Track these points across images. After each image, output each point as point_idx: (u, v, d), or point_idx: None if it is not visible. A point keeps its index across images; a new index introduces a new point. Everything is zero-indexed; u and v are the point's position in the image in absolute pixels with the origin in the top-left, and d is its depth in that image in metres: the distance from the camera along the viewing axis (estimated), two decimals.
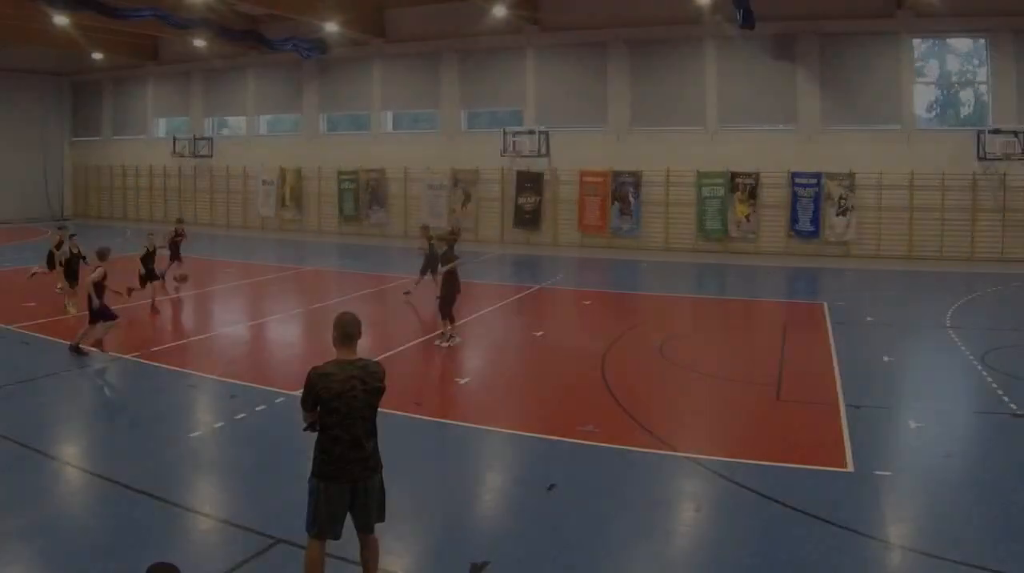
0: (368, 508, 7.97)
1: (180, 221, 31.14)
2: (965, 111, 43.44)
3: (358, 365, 7.94)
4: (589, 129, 46.15)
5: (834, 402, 15.63)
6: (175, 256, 28.74)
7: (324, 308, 25.74)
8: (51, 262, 26.56)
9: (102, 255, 19.65)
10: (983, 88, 41.69)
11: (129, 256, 27.08)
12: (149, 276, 25.53)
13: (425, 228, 28.06)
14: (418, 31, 49.09)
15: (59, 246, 25.73)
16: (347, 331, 8.03)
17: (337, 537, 7.98)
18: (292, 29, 48.31)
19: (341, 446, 7.77)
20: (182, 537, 10.05)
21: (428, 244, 26.15)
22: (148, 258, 25.60)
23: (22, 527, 10.05)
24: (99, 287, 18.91)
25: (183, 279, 27.50)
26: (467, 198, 48.80)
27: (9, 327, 22.01)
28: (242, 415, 14.58)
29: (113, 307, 19.46)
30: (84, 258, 24.07)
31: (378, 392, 8.00)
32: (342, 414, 7.75)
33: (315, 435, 7.96)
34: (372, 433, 7.99)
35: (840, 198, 41.07)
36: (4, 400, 15.52)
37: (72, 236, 25.76)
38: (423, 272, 26.62)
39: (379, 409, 8.16)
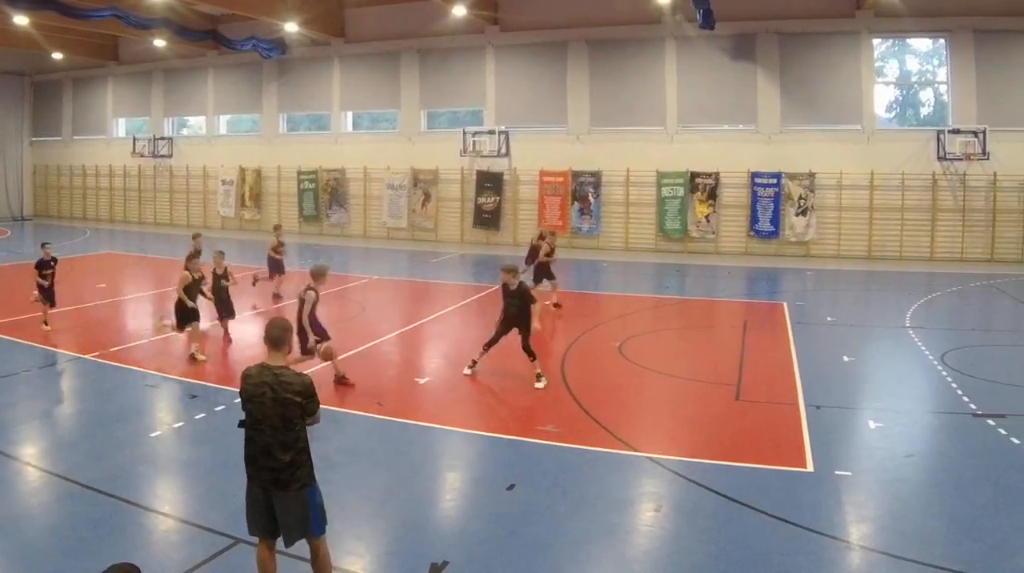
0: (286, 522, 7.72)
1: (278, 228, 28.97)
2: (925, 111, 42.46)
3: (275, 372, 7.67)
4: (549, 129, 44.83)
5: (794, 402, 15.41)
6: (278, 270, 27.19)
7: (283, 309, 24.87)
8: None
9: (319, 274, 16.96)
10: (943, 88, 40.71)
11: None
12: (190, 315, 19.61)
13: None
14: (378, 31, 47.96)
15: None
16: (270, 335, 7.82)
17: (270, 536, 7.82)
18: (252, 29, 47.10)
19: (252, 449, 7.68)
20: (142, 537, 9.86)
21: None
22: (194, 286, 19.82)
23: None
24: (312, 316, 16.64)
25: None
26: (427, 198, 47.40)
27: None
28: (202, 415, 14.39)
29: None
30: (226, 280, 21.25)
31: (293, 405, 7.60)
32: (253, 418, 7.64)
33: None
34: (288, 446, 7.63)
35: (800, 198, 39.99)
36: None
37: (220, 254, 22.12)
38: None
39: (342, 409, 8.45)
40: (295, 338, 12.56)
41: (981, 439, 13.45)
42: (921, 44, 41.85)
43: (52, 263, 21.59)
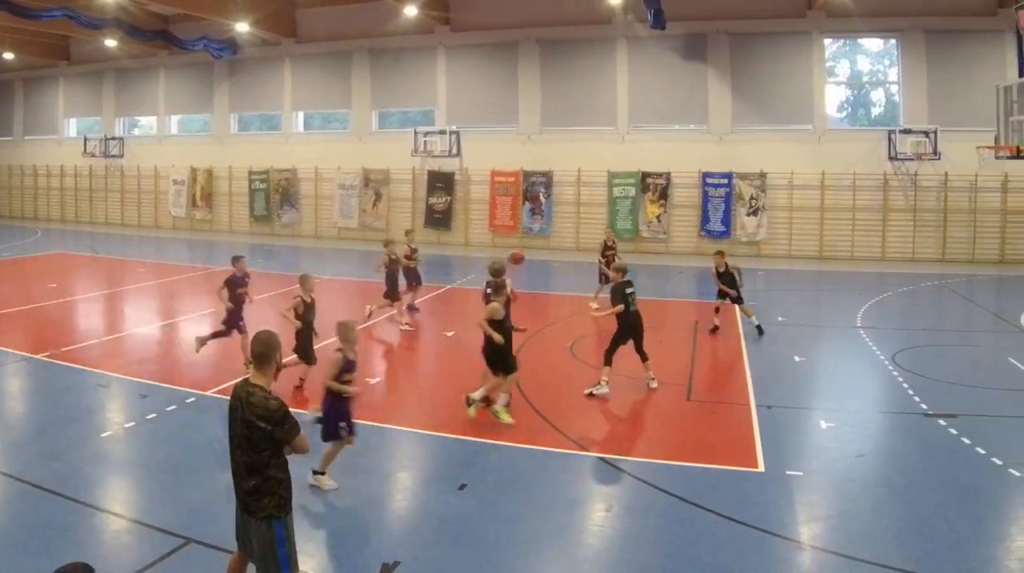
0: (257, 548, 7.16)
1: (410, 232, 25.52)
2: (876, 111, 41.20)
3: (248, 389, 7.05)
4: (500, 129, 43.35)
5: (745, 402, 15.18)
6: (415, 280, 24.37)
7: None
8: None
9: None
10: (894, 88, 39.45)
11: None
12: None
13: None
14: (329, 31, 46.27)
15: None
16: (255, 351, 7.24)
17: (246, 552, 7.37)
18: (203, 29, 45.32)
19: (231, 464, 7.21)
20: (94, 537, 9.60)
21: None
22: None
23: None
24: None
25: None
26: (378, 198, 45.59)
27: None
28: (153, 415, 14.00)
29: None
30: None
31: (257, 429, 6.92)
32: (229, 433, 7.19)
33: None
34: (254, 470, 7.01)
35: (751, 198, 38.62)
36: None
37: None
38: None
39: (293, 410, 7.36)
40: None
41: (932, 439, 13.22)
42: (872, 44, 40.66)
43: (245, 280, 18.34)
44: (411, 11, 39.15)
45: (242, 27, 41.97)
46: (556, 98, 42.33)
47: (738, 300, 21.40)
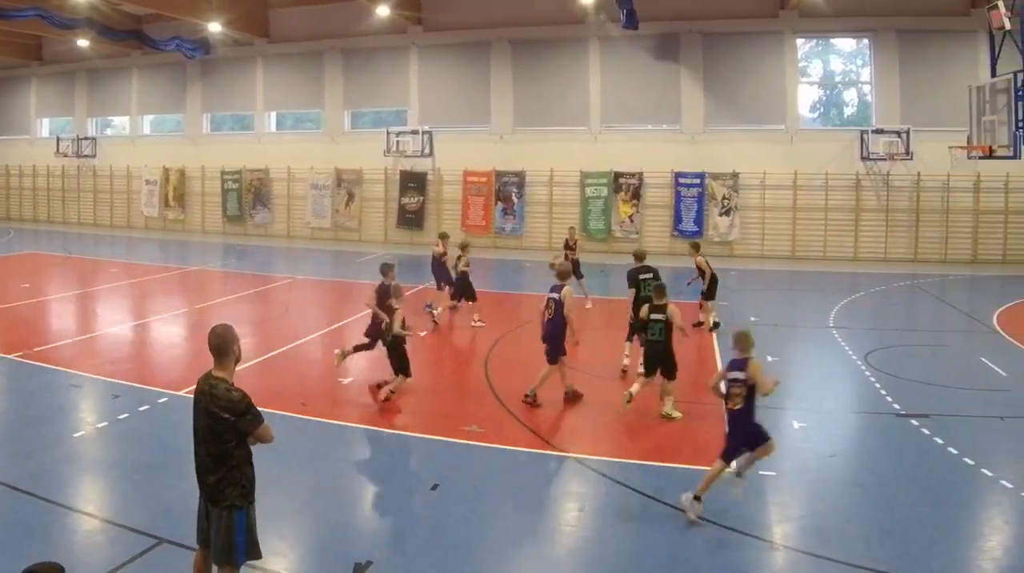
0: (215, 539, 7.15)
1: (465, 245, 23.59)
2: (849, 111, 40.44)
3: (211, 382, 7.13)
4: (473, 129, 42.45)
5: (717, 402, 13.44)
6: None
7: (208, 308, 24.47)
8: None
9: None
10: (866, 88, 38.69)
11: None
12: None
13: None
14: (302, 31, 45.28)
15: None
16: (212, 345, 7.26)
17: (208, 547, 7.31)
18: (176, 29, 44.26)
19: (195, 458, 7.25)
20: (66, 537, 9.45)
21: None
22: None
23: None
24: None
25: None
26: (351, 198, 44.57)
27: None
28: (125, 415, 13.76)
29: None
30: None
31: (220, 420, 6.98)
32: (193, 426, 7.24)
33: None
34: (219, 461, 7.05)
35: (724, 198, 37.86)
36: None
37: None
38: None
39: (266, 409, 7.72)
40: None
41: (905, 439, 13.09)
42: (845, 44, 39.94)
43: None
44: (383, 11, 38.37)
45: (215, 27, 41.00)
46: (528, 98, 41.48)
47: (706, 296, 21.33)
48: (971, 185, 35.39)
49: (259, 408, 7.27)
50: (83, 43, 46.46)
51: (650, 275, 17.28)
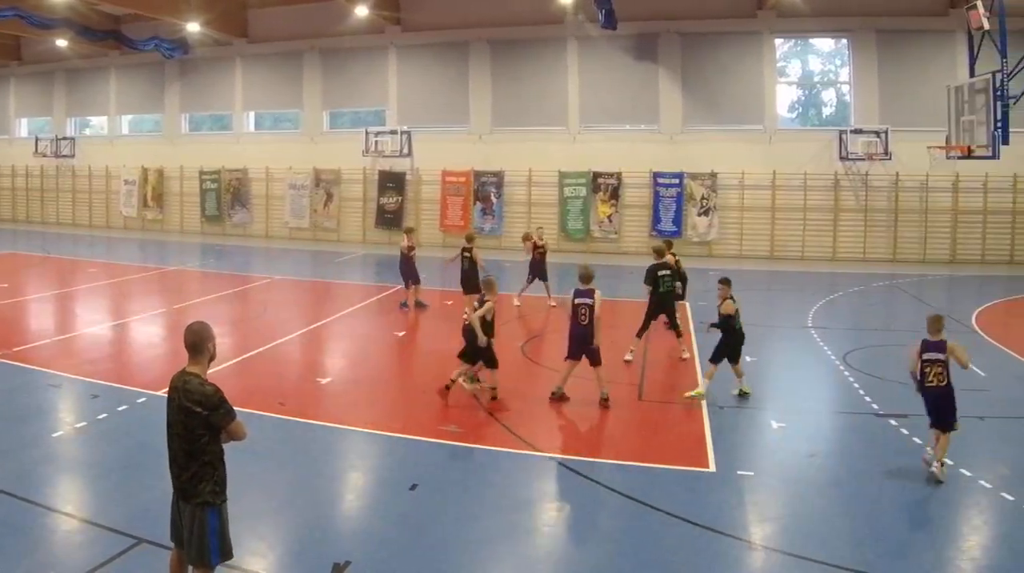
0: (188, 537, 7.06)
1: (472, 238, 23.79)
2: (827, 111, 39.89)
3: (185, 378, 7.03)
4: (451, 129, 41.74)
5: (696, 402, 14.68)
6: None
7: (186, 308, 23.95)
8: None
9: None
10: (845, 88, 38.08)
11: None
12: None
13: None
14: (280, 31, 44.46)
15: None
16: (187, 341, 7.16)
17: (182, 547, 7.22)
18: (154, 29, 43.55)
19: (168, 454, 7.16)
20: (45, 537, 9.26)
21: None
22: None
23: None
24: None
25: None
26: (329, 198, 43.74)
27: None
28: (104, 415, 13.54)
29: None
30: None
31: (194, 415, 6.89)
32: (167, 422, 7.14)
33: None
34: (192, 457, 6.96)
35: (702, 198, 37.29)
36: None
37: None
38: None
39: (244, 409, 8.76)
40: None
41: (883, 439, 12.95)
42: (823, 44, 39.43)
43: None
44: (362, 11, 37.83)
45: (193, 27, 40.36)
46: (507, 98, 40.82)
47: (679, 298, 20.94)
48: (950, 185, 34.91)
49: (238, 408, 7.22)
50: (62, 43, 45.70)
51: (668, 273, 17.67)
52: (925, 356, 11.41)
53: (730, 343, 14.97)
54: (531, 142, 40.13)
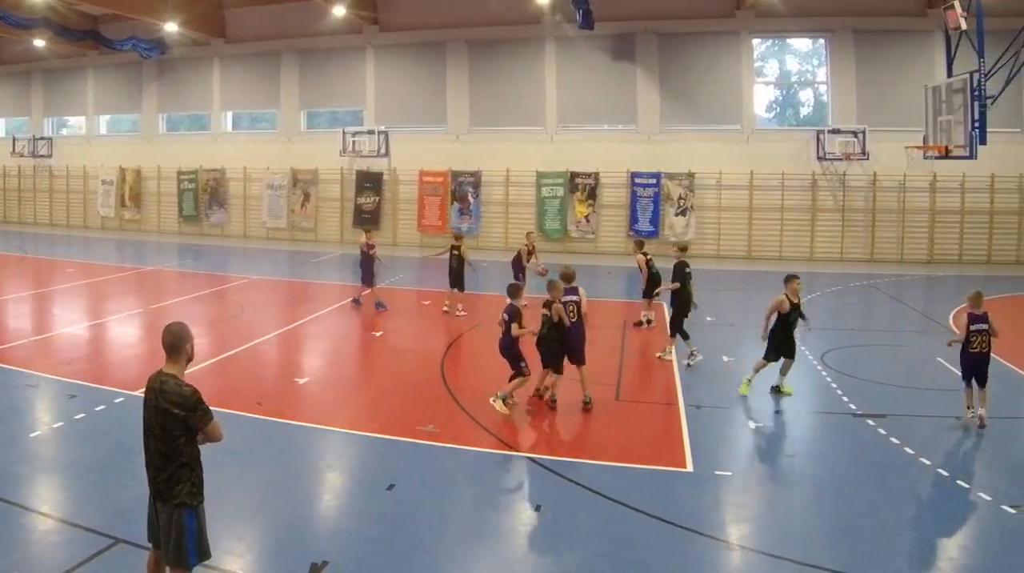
0: (165, 539, 6.99)
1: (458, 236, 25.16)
2: (805, 111, 39.29)
3: (162, 379, 6.91)
4: (429, 129, 41.09)
5: (674, 402, 14.67)
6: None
7: (164, 308, 23.67)
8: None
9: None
10: (823, 88, 37.53)
11: None
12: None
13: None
14: (258, 31, 43.70)
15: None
16: (165, 342, 7.04)
17: (159, 547, 7.12)
18: (132, 29, 42.65)
19: (145, 455, 7.06)
20: (22, 537, 9.08)
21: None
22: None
23: None
24: None
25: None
26: (306, 198, 42.93)
27: None
28: (82, 415, 13.32)
29: None
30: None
31: (171, 416, 6.79)
32: (144, 423, 7.03)
33: None
34: (169, 458, 6.86)
35: (679, 198, 36.68)
36: None
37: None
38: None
39: (222, 409, 8.64)
40: None
41: (861, 439, 12.75)
42: (801, 44, 38.86)
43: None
44: (339, 11, 37.34)
45: (171, 27, 39.75)
46: (485, 98, 40.13)
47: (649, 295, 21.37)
48: (927, 185, 34.47)
49: (215, 408, 7.08)
50: (39, 43, 44.81)
51: (690, 269, 17.82)
52: (973, 327, 13.10)
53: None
54: (509, 142, 39.49)
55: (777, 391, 15.12)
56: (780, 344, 14.90)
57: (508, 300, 14.06)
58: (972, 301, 13.44)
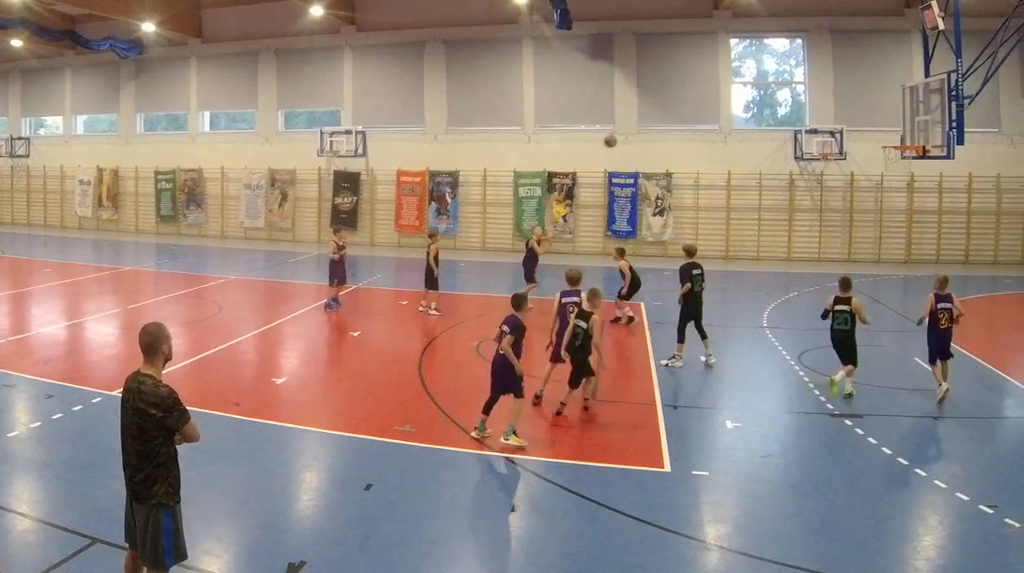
0: (142, 538, 6.88)
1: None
2: (782, 111, 38.79)
3: (139, 379, 6.84)
4: (406, 129, 40.40)
5: (651, 402, 14.49)
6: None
7: (141, 308, 23.46)
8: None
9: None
10: (800, 88, 37.09)
11: None
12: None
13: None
14: (235, 31, 42.92)
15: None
16: (142, 343, 6.96)
17: (135, 547, 7.00)
18: (109, 29, 41.81)
19: (122, 455, 6.97)
20: None
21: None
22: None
23: None
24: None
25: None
26: (284, 198, 42.14)
27: None
28: (59, 415, 13.18)
29: None
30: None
31: (148, 417, 6.69)
32: (121, 424, 6.93)
33: None
34: (146, 458, 6.77)
35: (657, 198, 36.14)
36: None
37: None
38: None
39: (200, 409, 8.74)
40: None
41: (838, 439, 12.69)
42: (779, 44, 38.31)
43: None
44: (317, 11, 36.68)
45: (148, 27, 38.93)
46: (462, 98, 39.48)
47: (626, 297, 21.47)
48: (904, 185, 34.06)
49: (192, 408, 7.02)
50: (17, 43, 43.97)
51: (699, 271, 17.56)
52: (939, 305, 14.61)
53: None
54: (486, 142, 38.88)
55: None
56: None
57: (512, 312, 12.50)
58: (938, 284, 14.93)
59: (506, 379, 12.16)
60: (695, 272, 17.42)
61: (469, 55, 39.39)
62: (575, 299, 14.06)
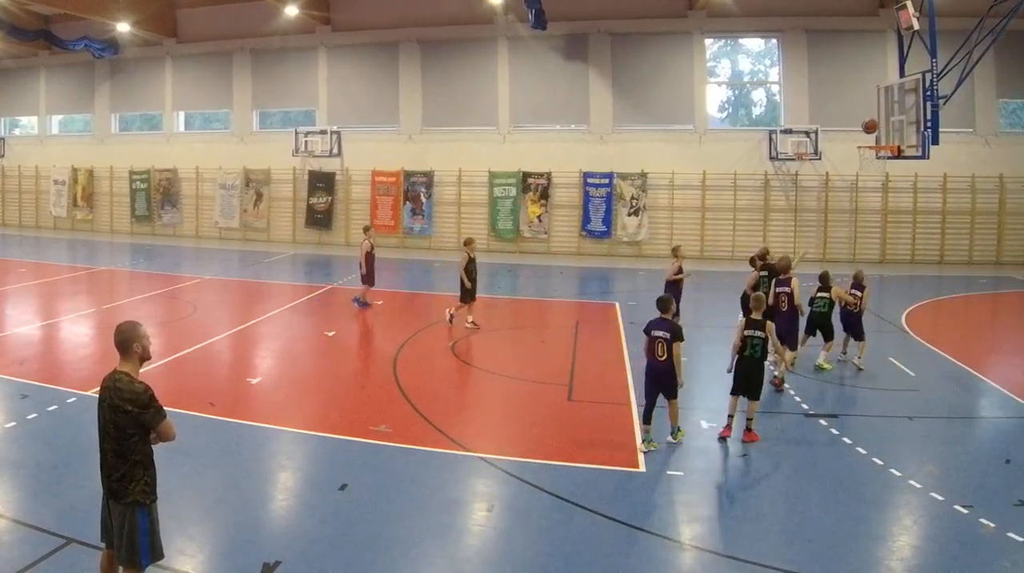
0: (118, 537, 6.76)
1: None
2: (757, 111, 37.82)
3: (116, 377, 6.72)
4: (381, 129, 39.17)
5: (626, 402, 14.25)
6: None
7: (116, 308, 22.94)
8: None
9: None
10: (775, 88, 36.13)
11: None
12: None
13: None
14: (210, 31, 41.57)
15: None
16: (116, 341, 6.85)
17: (112, 546, 6.87)
18: (84, 29, 40.56)
19: (100, 454, 6.81)
20: None
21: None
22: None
23: None
24: None
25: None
26: (259, 198, 40.83)
27: None
28: (34, 415, 12.90)
29: None
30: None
31: (124, 414, 6.58)
32: (98, 422, 6.81)
33: None
34: (122, 456, 6.64)
35: (632, 198, 35.12)
36: None
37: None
38: None
39: (175, 409, 8.45)
40: None
41: (814, 439, 12.53)
42: (753, 44, 37.42)
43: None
44: (292, 11, 35.51)
45: (123, 27, 37.64)
46: (437, 98, 38.34)
47: None
48: (879, 185, 33.22)
49: (168, 408, 6.83)
50: None
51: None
52: (852, 291, 16.50)
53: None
54: (461, 142, 37.79)
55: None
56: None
57: (660, 315, 12.15)
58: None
59: (667, 383, 11.90)
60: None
61: (444, 55, 38.24)
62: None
